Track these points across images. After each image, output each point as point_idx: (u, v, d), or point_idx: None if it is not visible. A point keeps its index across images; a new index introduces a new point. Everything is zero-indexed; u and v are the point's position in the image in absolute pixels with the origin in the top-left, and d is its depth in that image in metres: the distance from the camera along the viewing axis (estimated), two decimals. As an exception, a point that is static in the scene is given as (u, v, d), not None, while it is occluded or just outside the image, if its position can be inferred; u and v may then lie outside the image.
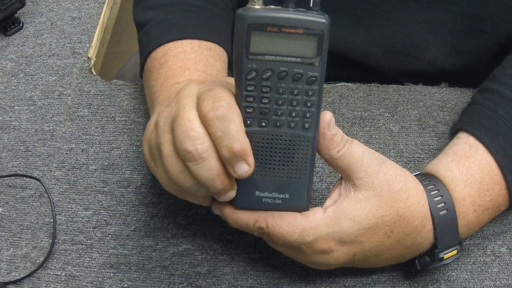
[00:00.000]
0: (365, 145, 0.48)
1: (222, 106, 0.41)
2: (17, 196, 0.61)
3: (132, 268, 0.55)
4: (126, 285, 0.54)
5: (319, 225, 0.46)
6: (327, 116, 0.44)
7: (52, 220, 0.58)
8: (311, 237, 0.46)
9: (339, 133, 0.46)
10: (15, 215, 0.59)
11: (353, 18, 0.66)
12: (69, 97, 0.69)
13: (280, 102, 0.43)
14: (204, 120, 0.41)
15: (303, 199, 0.46)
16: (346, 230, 0.46)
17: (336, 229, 0.46)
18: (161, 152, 0.43)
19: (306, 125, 0.44)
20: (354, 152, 0.46)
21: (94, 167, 0.62)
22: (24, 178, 0.62)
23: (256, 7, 0.41)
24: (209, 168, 0.41)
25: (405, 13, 0.64)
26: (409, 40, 0.66)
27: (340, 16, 0.65)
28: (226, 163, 0.42)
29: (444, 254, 0.49)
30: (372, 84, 0.67)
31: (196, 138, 0.41)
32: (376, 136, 0.63)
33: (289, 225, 0.46)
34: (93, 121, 0.66)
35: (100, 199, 0.60)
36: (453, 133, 0.58)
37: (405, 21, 0.64)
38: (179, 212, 0.58)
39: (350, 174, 0.47)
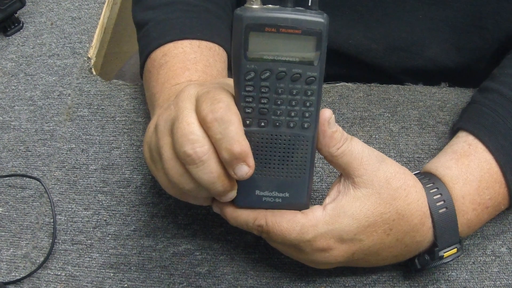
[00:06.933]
0: (365, 145, 0.48)
1: (221, 108, 0.41)
2: (17, 196, 0.61)
3: (132, 268, 0.55)
4: (126, 285, 0.54)
5: (319, 223, 0.46)
6: (326, 114, 0.44)
7: (52, 220, 0.58)
8: (310, 234, 0.46)
9: (339, 130, 0.45)
10: (15, 215, 0.59)
11: (353, 14, 0.65)
12: (69, 97, 0.69)
13: (279, 102, 0.43)
14: (203, 123, 0.41)
15: (303, 198, 0.46)
16: (345, 227, 0.46)
17: (336, 226, 0.46)
18: (161, 155, 0.44)
19: (305, 125, 0.44)
20: (354, 149, 0.46)
21: (94, 167, 0.62)
22: (24, 178, 0.62)
23: (254, 6, 0.41)
24: (209, 171, 0.41)
25: (406, 10, 0.64)
26: (409, 37, 0.66)
27: (340, 12, 0.65)
28: (226, 165, 0.42)
29: (444, 253, 0.49)
30: (372, 84, 0.67)
31: (195, 141, 0.41)
32: (376, 136, 0.63)
33: (289, 222, 0.46)
34: (93, 121, 0.66)
35: (100, 199, 0.60)
36: (453, 132, 0.58)
37: (406, 18, 0.64)
38: (179, 212, 0.58)
39: (349, 171, 0.47)
